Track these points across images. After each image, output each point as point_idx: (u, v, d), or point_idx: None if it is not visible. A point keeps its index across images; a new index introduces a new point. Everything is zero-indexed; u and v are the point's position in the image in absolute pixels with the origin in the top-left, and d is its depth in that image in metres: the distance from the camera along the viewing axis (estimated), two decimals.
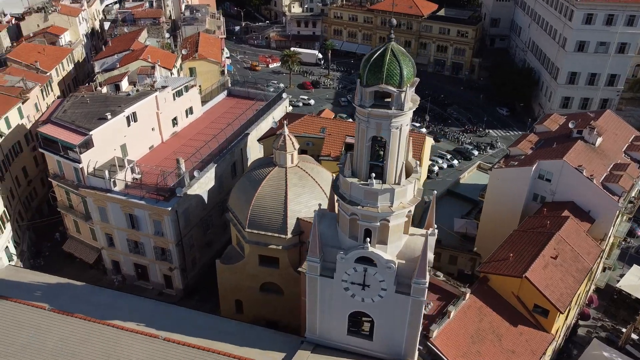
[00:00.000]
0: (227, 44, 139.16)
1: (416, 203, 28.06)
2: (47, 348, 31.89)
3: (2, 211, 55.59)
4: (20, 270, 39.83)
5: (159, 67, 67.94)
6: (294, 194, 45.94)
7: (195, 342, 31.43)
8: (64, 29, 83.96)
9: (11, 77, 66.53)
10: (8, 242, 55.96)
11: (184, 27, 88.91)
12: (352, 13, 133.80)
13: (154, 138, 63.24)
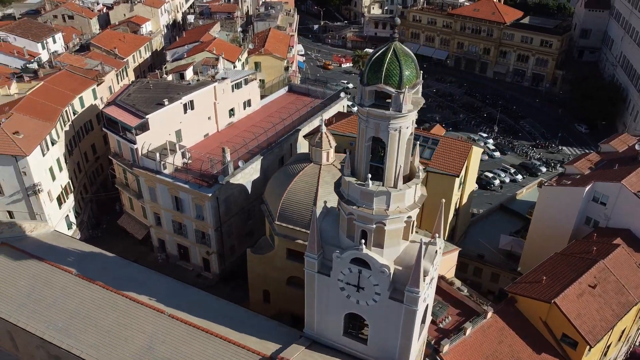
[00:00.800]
0: (303, 42, 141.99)
1: (415, 209, 27.22)
2: (67, 309, 34.53)
3: (67, 182, 60.56)
4: (62, 237, 43.22)
5: (223, 59, 70.62)
6: (324, 192, 45.98)
7: (198, 323, 32.62)
8: (146, 19, 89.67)
9: (91, 61, 72.05)
10: (69, 211, 60.93)
11: (256, 23, 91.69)
12: (431, 17, 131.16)
13: (209, 127, 65.76)
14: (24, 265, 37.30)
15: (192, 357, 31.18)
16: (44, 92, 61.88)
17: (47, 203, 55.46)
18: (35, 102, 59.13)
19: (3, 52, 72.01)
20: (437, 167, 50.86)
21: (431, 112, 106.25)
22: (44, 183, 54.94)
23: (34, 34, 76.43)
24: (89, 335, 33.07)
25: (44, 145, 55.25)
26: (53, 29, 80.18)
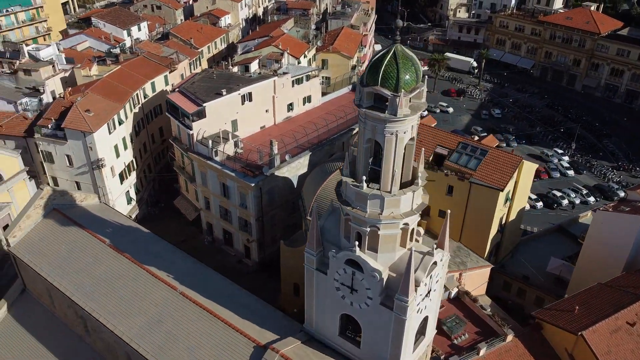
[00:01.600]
0: (383, 42, 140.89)
1: (412, 217, 26.55)
2: (95, 275, 37.42)
3: (130, 161, 65.07)
4: (107, 209, 46.60)
5: (288, 54, 72.17)
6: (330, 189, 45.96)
7: (205, 304, 33.99)
8: (226, 12, 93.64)
9: (167, 49, 76.58)
10: (130, 188, 65.47)
11: (330, 20, 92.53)
12: (519, 23, 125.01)
13: (266, 119, 67.61)
14: (67, 231, 40.87)
15: (193, 334, 32.66)
16: (120, 75, 66.79)
17: (109, 178, 60.02)
18: (110, 84, 64.01)
19: (93, 36, 78.65)
20: (481, 179, 48.85)
21: (505, 123, 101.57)
22: (108, 159, 59.46)
23: (122, 22, 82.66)
24: (109, 302, 35.67)
25: (111, 124, 59.70)
26: (139, 18, 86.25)
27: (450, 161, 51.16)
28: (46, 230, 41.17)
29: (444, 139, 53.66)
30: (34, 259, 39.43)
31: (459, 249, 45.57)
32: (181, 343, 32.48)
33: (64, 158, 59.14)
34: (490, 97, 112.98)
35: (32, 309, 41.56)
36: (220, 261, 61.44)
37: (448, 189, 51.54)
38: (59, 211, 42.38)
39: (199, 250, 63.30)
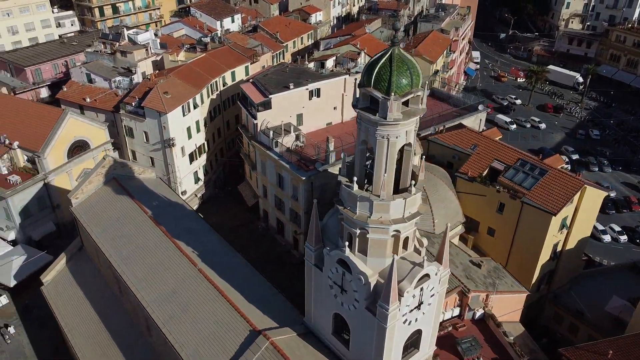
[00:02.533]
0: (484, 49, 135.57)
1: (403, 224, 25.81)
2: (133, 242, 40.77)
3: (202, 143, 69.20)
4: (161, 184, 50.11)
5: (364, 54, 72.26)
6: None
7: (218, 283, 35.62)
8: (318, 10, 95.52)
9: (253, 41, 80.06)
10: (198, 169, 69.70)
11: (420, 23, 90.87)
12: (639, 38, 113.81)
13: (334, 116, 68.35)
14: (119, 199, 44.80)
15: (200, 310, 34.47)
16: (203, 62, 71.12)
17: (178, 156, 64.41)
18: (192, 70, 68.45)
19: (189, 25, 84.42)
20: (534, 200, 45.81)
21: (603, 146, 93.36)
22: (179, 139, 63.77)
23: (217, 13, 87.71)
24: (138, 268, 38.71)
25: (186, 107, 63.90)
26: (234, 10, 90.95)
27: (504, 177, 48.53)
28: (103, 196, 45.46)
29: (503, 154, 50.97)
30: (88, 220, 43.79)
31: (495, 270, 43.21)
32: (188, 316, 34.46)
33: (142, 134, 64.48)
34: (591, 117, 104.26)
35: (84, 264, 46.18)
36: (270, 248, 63.58)
37: (499, 206, 48.95)
38: (117, 180, 46.51)
39: (252, 236, 66.06)
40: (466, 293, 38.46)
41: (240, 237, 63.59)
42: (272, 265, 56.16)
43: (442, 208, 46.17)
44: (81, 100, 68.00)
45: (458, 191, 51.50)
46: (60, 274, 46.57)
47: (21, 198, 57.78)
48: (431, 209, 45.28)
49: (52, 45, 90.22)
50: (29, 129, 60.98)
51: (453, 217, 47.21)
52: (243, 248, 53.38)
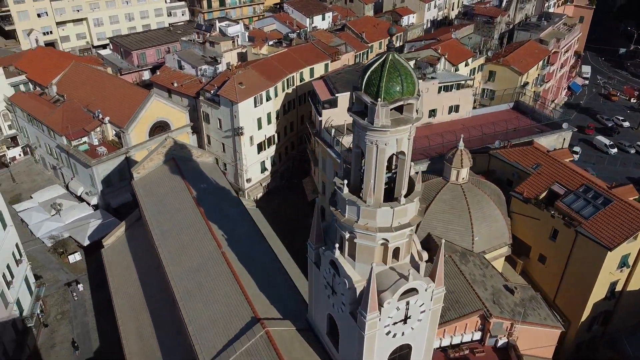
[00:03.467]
0: (600, 65, 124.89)
1: (391, 234, 25.04)
2: (173, 219, 43.69)
3: (272, 135, 71.67)
4: (215, 169, 52.76)
5: (445, 59, 70.23)
6: (435, 207, 43.94)
7: (236, 268, 36.95)
8: (411, 12, 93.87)
9: (338, 40, 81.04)
10: (266, 159, 72.32)
11: (517, 32, 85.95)
12: None
13: None
14: (173, 178, 48.14)
15: (214, 291, 36.16)
16: (283, 57, 73.44)
17: (246, 145, 67.37)
18: (271, 64, 71.02)
19: (280, 20, 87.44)
20: (590, 231, 41.92)
21: None
22: (249, 129, 66.66)
23: (308, 10, 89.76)
24: (172, 244, 41.47)
25: (258, 98, 66.55)
26: (326, 8, 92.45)
27: (562, 202, 44.90)
28: (160, 173, 49.15)
29: (567, 177, 47.13)
30: (143, 193, 47.66)
31: (531, 299, 40.23)
32: (203, 294, 36.35)
33: (216, 121, 68.31)
34: None
35: (138, 234, 50.26)
36: None
37: (552, 233, 45.46)
38: (175, 160, 50.00)
39: (304, 230, 67.25)
40: (487, 318, 36.40)
41: (294, 228, 65.14)
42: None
43: (485, 226, 43.85)
44: (170, 84, 73.46)
45: (512, 211, 48.59)
46: (119, 240, 51.10)
47: (104, 168, 64.04)
48: (472, 226, 43.25)
49: (159, 33, 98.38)
50: (119, 107, 67.26)
51: (497, 237, 44.64)
52: (294, 238, 55.42)
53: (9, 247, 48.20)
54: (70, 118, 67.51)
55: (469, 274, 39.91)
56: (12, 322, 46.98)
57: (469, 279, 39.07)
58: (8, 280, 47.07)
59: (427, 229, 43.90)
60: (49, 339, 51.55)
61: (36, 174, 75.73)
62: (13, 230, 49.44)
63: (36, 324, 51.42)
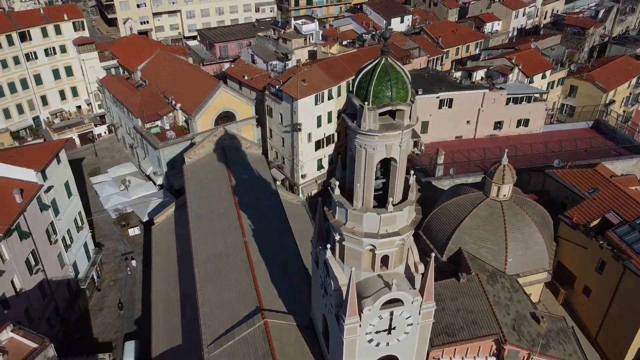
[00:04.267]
0: None
1: (376, 241, 24.49)
2: (210, 205, 45.67)
3: (331, 134, 72.20)
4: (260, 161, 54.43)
5: (519, 70, 66.80)
6: (470, 223, 42.18)
7: (254, 258, 37.90)
8: (496, 19, 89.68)
9: (411, 43, 79.84)
10: (323, 157, 72.97)
11: (610, 45, 79.32)
12: None
13: (465, 130, 65.14)
14: (218, 166, 50.36)
15: (229, 278, 37.39)
16: (352, 57, 73.58)
17: (303, 141, 68.44)
18: (337, 64, 71.49)
19: (357, 21, 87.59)
20: (638, 267, 38.12)
21: None
22: (307, 126, 67.65)
23: (387, 12, 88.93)
24: (204, 228, 43.42)
25: (320, 97, 67.29)
26: (406, 11, 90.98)
27: (614, 232, 41.18)
28: (208, 161, 51.60)
29: (626, 206, 43.19)
30: (189, 178, 50.37)
31: (560, 331, 37.36)
32: (219, 279, 37.79)
33: (278, 115, 70.11)
34: None
35: (184, 215, 53.08)
36: None
37: (600, 264, 41.89)
38: (224, 150, 52.24)
39: None
40: (502, 344, 34.41)
41: None
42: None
43: (522, 248, 41.35)
44: (241, 77, 76.50)
45: (559, 236, 45.37)
46: (167, 219, 54.37)
47: (170, 151, 68.07)
48: (506, 246, 41.00)
49: (244, 27, 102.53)
50: (191, 95, 71.10)
51: (535, 261, 41.89)
52: None
53: (72, 214, 53.02)
54: (147, 102, 72.54)
55: (494, 295, 37.93)
56: (66, 282, 51.67)
57: (492, 301, 37.14)
58: (67, 244, 51.82)
59: (459, 243, 42.30)
60: (99, 302, 56.06)
61: (116, 151, 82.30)
62: (77, 200, 54.28)
63: (90, 287, 56.10)
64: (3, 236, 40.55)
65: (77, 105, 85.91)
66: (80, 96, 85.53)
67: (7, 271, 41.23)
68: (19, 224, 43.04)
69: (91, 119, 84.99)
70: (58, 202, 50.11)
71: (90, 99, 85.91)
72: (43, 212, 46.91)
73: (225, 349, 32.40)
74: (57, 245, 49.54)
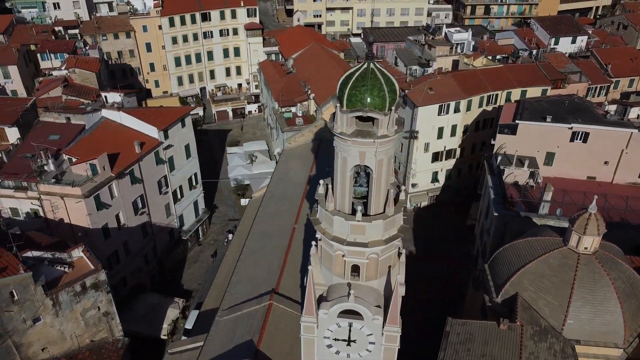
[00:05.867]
0: None
1: (341, 246, 23.82)
2: (284, 189, 48.02)
3: (453, 149, 69.03)
4: None
5: None
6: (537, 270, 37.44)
7: (294, 243, 39.13)
8: None
9: (573, 66, 71.62)
10: (440, 170, 70.35)
11: None
12: None
13: (601, 172, 56.66)
14: (308, 156, 52.26)
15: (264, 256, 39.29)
16: (493, 73, 69.07)
17: (418, 150, 66.94)
18: (475, 77, 67.86)
19: (519, 35, 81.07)
20: None
21: None
22: (426, 135, 65.95)
23: (557, 30, 79.38)
24: (269, 207, 45.94)
25: (444, 108, 64.88)
26: (581, 31, 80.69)
27: None
28: (302, 149, 53.97)
29: None
30: (280, 163, 53.48)
31: None
32: (258, 257, 39.89)
33: (401, 118, 69.45)
34: None
35: None
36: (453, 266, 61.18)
37: None
38: (320, 141, 54.13)
39: (440, 253, 63.49)
40: None
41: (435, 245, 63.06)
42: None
43: (588, 313, 35.28)
44: None
45: None
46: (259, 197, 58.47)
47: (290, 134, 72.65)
48: (568, 305, 35.45)
49: (408, 31, 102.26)
50: (325, 87, 74.47)
51: (604, 333, 35.37)
52: (427, 254, 54.95)
53: (187, 173, 60.36)
54: (288, 88, 78.13)
55: (532, 353, 33.42)
56: (169, 230, 59.27)
57: (524, 358, 32.83)
58: (177, 198, 59.29)
59: (518, 287, 37.84)
60: (196, 255, 63.11)
61: (259, 129, 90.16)
62: (195, 162, 61.50)
63: (192, 240, 63.42)
64: (115, 177, 48.44)
65: (239, 83, 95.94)
66: (243, 75, 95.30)
67: (113, 206, 49.17)
68: (133, 170, 50.82)
69: (246, 97, 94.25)
70: (175, 160, 57.55)
71: (250, 79, 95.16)
72: (158, 165, 54.48)
73: (231, 317, 34.66)
74: (166, 196, 57.10)
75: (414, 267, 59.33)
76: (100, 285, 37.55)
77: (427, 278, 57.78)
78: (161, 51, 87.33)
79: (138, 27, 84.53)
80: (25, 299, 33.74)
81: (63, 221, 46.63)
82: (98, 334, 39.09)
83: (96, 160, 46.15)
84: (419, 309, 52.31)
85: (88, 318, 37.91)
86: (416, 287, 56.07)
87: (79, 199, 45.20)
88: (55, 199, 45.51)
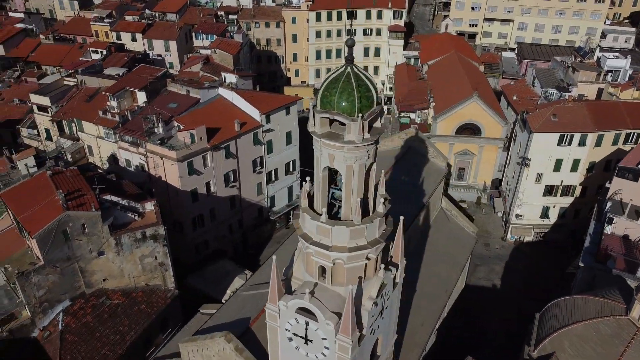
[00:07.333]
0: None
1: (307, 244, 23.74)
2: None
3: (573, 186, 61.63)
4: (439, 175, 52.02)
5: None
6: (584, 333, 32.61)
7: None
8: None
9: None
10: (552, 206, 63.35)
11: None
12: None
13: None
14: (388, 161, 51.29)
15: None
16: (634, 108, 59.75)
17: (529, 179, 61.29)
18: (614, 109, 60.07)
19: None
20: None
21: None
22: (540, 165, 60.10)
23: None
24: None
25: (567, 138, 58.33)
26: None
27: None
28: (387, 154, 53.00)
29: None
30: None
31: None
32: None
33: (519, 143, 64.18)
34: None
35: None
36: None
37: None
38: (407, 149, 52.93)
39: (530, 299, 56.96)
40: None
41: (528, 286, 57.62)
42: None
43: None
44: (510, 96, 72.17)
45: None
46: None
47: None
48: None
49: (564, 50, 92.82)
50: (449, 98, 71.83)
51: None
52: (514, 296, 54.36)
53: (285, 159, 63.61)
54: (412, 94, 77.11)
55: None
56: (259, 208, 63.29)
57: None
58: (271, 180, 63.01)
59: (557, 347, 33.45)
60: (282, 236, 66.19)
61: None
62: (295, 150, 64.39)
63: (281, 222, 66.83)
64: (210, 149, 53.53)
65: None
66: (379, 76, 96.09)
67: (204, 174, 54.40)
68: (229, 146, 55.52)
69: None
70: (274, 144, 61.12)
71: (385, 80, 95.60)
72: (255, 145, 58.55)
73: (250, 294, 36.55)
74: (259, 175, 61.11)
75: (490, 301, 55.49)
76: (158, 237, 42.38)
77: (500, 314, 53.34)
78: (305, 43, 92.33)
79: (288, 18, 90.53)
80: (93, 233, 39.78)
81: (161, 178, 53.10)
82: (153, 280, 44.20)
83: (195, 131, 51.51)
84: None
85: (145, 264, 43.10)
86: (485, 320, 52.33)
87: (173, 162, 51.03)
88: (157, 158, 52.01)
